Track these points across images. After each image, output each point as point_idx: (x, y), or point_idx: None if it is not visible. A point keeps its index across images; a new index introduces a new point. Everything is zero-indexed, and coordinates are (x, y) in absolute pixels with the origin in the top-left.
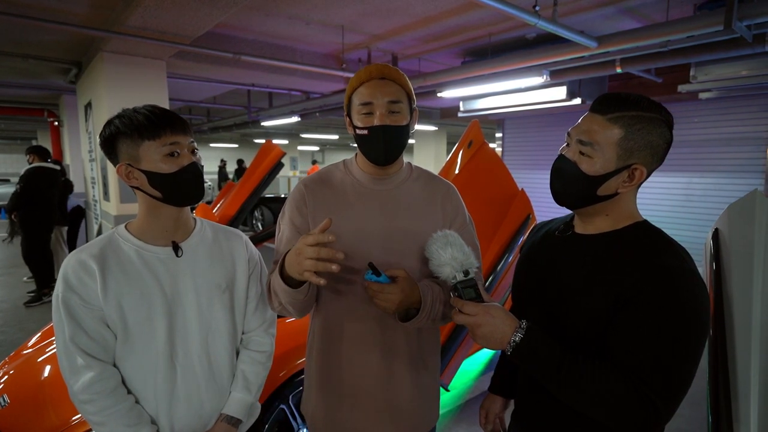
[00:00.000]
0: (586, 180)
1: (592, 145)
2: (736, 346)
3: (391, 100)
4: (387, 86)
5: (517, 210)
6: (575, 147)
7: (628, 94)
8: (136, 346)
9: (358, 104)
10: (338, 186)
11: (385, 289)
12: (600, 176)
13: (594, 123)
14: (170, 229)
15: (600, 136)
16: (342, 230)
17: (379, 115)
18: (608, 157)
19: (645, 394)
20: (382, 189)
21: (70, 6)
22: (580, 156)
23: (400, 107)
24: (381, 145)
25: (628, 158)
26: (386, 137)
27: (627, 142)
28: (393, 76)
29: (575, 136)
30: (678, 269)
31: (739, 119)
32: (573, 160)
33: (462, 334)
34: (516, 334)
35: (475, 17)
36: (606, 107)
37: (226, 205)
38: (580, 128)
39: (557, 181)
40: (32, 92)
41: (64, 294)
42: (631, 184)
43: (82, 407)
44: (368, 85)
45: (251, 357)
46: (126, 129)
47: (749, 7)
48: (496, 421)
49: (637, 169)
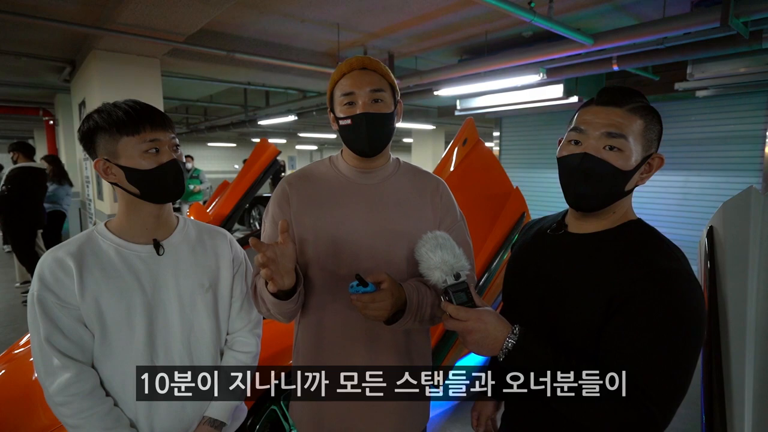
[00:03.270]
0: (619, 176)
1: (626, 137)
2: (731, 345)
3: (373, 89)
4: (368, 75)
5: (511, 208)
6: (597, 143)
7: (627, 88)
8: (115, 346)
9: (340, 95)
10: (322, 181)
11: (376, 297)
12: (631, 170)
13: (616, 116)
14: (151, 227)
15: (628, 128)
16: (326, 225)
17: (361, 103)
18: (637, 149)
19: (640, 399)
20: (369, 183)
21: (62, 3)
22: (609, 152)
23: (382, 96)
24: (364, 133)
25: (650, 148)
26: (369, 125)
27: (648, 132)
28: (374, 66)
29: (597, 130)
30: (673, 271)
31: (736, 117)
32: (602, 158)
33: (454, 337)
34: (508, 340)
35: (470, 14)
36: (620, 99)
37: (221, 204)
38: (597, 122)
39: (586, 184)
40: (27, 91)
41: (39, 293)
42: (648, 175)
43: (58, 410)
44: (349, 76)
45: (236, 358)
46: (105, 124)
47: (745, 4)
48: (488, 422)
49: (655, 158)
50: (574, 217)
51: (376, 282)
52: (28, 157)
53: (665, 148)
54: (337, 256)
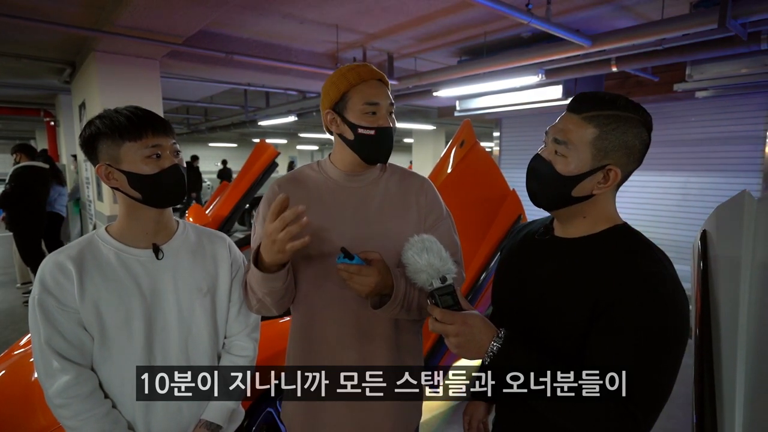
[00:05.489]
0: (560, 180)
1: (567, 144)
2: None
3: (391, 102)
4: (385, 89)
5: (507, 211)
6: (551, 146)
7: (606, 93)
8: (114, 349)
9: (363, 103)
10: (311, 185)
11: (362, 271)
12: (574, 176)
13: (569, 122)
14: (151, 231)
15: (574, 135)
16: (315, 228)
17: (383, 116)
18: (582, 156)
19: (623, 403)
20: (357, 186)
21: (61, 5)
22: (555, 156)
23: (393, 108)
24: (386, 146)
25: (603, 159)
26: (390, 138)
27: (601, 142)
28: (386, 80)
29: (551, 134)
30: (657, 275)
31: (735, 118)
32: (548, 160)
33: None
34: (493, 344)
35: (469, 16)
36: (581, 106)
37: (220, 206)
38: (556, 127)
39: (532, 181)
40: (28, 92)
41: (40, 296)
42: (606, 186)
43: (57, 411)
44: (371, 84)
45: (233, 362)
46: (107, 129)
47: (743, 5)
48: (480, 426)
49: (611, 170)
50: (557, 221)
51: (366, 259)
52: (30, 157)
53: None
54: (325, 259)
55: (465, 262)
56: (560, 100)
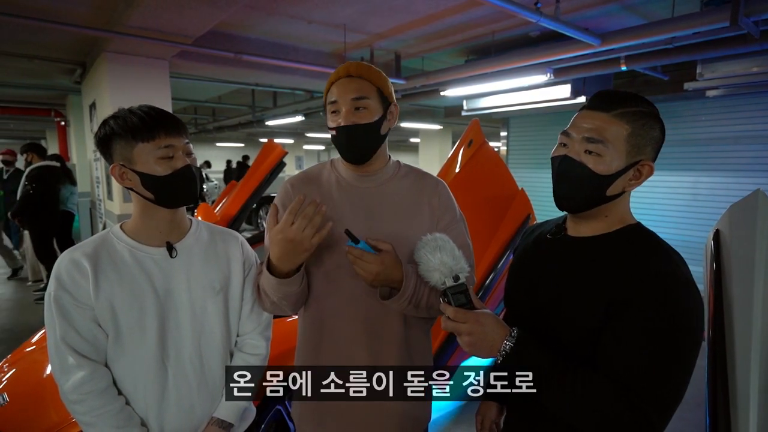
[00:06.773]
0: (597, 180)
1: (603, 142)
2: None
3: (354, 97)
4: (352, 83)
5: (516, 210)
6: (579, 146)
7: (623, 91)
8: (127, 346)
9: (328, 103)
10: (324, 184)
11: (365, 257)
12: (611, 175)
13: (599, 120)
14: (164, 230)
15: (609, 133)
16: None
17: (344, 113)
18: (619, 154)
19: (636, 404)
20: (367, 186)
21: (72, 6)
22: (587, 155)
23: (365, 103)
24: (351, 145)
25: (637, 154)
26: (350, 137)
27: (635, 138)
28: (360, 72)
29: (580, 134)
30: (671, 276)
31: (747, 117)
32: (580, 161)
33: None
34: (506, 343)
35: (476, 15)
36: (608, 104)
37: (228, 205)
38: (582, 126)
39: (564, 185)
40: (39, 92)
41: (56, 293)
42: (638, 182)
43: (72, 407)
44: (337, 84)
45: (245, 360)
46: (120, 130)
47: (756, 3)
48: (492, 427)
49: (645, 166)
50: (571, 221)
51: (375, 247)
52: (41, 157)
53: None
54: (336, 259)
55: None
56: (568, 99)
